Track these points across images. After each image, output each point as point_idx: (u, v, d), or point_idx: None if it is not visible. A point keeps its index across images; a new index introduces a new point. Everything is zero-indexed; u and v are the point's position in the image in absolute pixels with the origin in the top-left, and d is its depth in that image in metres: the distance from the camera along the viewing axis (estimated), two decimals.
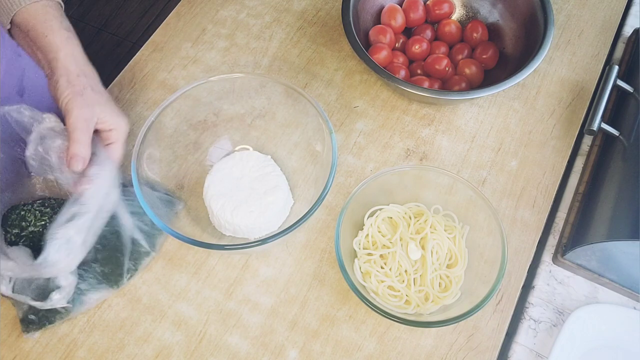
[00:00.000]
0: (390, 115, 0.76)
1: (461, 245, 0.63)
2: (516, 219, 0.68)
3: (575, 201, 0.69)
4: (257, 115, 0.72)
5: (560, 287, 0.65)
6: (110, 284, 0.63)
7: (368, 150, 0.74)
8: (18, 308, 0.62)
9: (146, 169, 0.63)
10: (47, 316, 0.61)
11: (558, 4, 0.84)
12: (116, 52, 1.83)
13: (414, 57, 0.79)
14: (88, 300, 0.62)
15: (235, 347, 0.62)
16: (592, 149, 0.73)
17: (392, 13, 0.79)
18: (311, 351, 0.62)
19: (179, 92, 0.65)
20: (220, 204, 0.65)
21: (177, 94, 0.65)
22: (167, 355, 0.62)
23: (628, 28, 0.83)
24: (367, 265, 0.62)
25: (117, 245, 0.63)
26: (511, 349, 0.62)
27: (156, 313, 0.64)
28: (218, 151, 0.71)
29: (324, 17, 0.85)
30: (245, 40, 0.83)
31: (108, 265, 0.63)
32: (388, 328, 0.63)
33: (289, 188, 0.69)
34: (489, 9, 0.81)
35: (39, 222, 0.61)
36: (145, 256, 0.65)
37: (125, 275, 0.64)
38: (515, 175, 0.71)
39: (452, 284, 0.61)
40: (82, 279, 0.62)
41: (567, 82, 0.78)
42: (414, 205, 0.66)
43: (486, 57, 0.77)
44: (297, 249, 0.67)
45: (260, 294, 0.65)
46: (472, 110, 0.76)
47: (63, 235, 0.54)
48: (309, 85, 0.79)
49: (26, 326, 0.61)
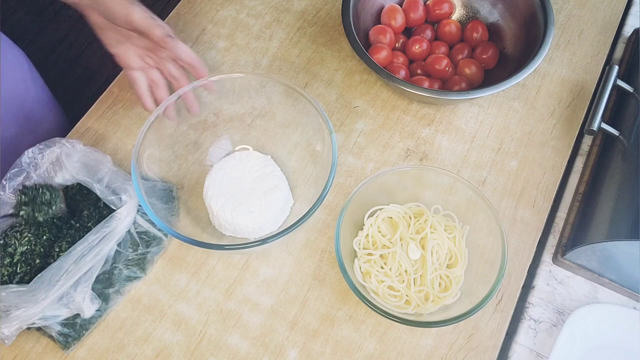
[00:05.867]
0: (390, 115, 0.76)
1: (461, 245, 0.63)
2: (516, 219, 0.68)
3: (575, 201, 0.69)
4: (257, 115, 0.72)
5: (560, 287, 0.65)
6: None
7: (368, 150, 0.74)
8: (45, 329, 0.61)
9: (146, 169, 0.63)
10: (83, 325, 0.62)
11: (558, 4, 0.84)
12: None
13: (414, 57, 0.79)
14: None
15: (235, 347, 0.62)
16: (592, 149, 0.73)
17: (392, 13, 0.79)
18: (311, 351, 0.62)
19: (179, 92, 0.65)
20: (220, 203, 0.65)
21: (178, 93, 0.65)
22: (167, 355, 0.62)
23: (628, 28, 0.83)
24: (367, 265, 0.62)
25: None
26: (511, 349, 0.62)
27: (156, 313, 0.64)
28: (218, 151, 0.71)
29: (324, 17, 0.85)
30: (245, 40, 0.83)
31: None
32: (388, 328, 0.63)
33: (289, 188, 0.69)
34: (489, 9, 0.81)
35: (23, 240, 0.61)
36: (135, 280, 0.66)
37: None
38: (515, 175, 0.71)
39: (452, 284, 0.61)
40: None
41: (567, 82, 0.78)
42: (414, 205, 0.66)
43: (486, 57, 0.77)
44: (297, 249, 0.67)
45: (260, 294, 0.65)
46: (472, 110, 0.76)
47: (84, 291, 0.59)
48: (309, 85, 0.79)
49: (65, 342, 0.61)
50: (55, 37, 1.86)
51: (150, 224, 0.66)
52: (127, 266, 0.64)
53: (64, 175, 0.65)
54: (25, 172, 0.64)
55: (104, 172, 0.64)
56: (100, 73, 1.77)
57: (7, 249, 0.60)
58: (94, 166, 0.64)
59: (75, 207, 0.66)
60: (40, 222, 0.62)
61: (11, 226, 0.63)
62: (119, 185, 0.63)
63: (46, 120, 0.85)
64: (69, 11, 1.88)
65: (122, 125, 0.76)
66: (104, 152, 0.66)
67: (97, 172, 0.64)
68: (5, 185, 0.63)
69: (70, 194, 0.67)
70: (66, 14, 1.89)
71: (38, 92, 0.85)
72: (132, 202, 0.62)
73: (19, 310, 0.56)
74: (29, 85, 0.83)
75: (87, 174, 0.63)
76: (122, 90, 0.79)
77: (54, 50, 1.83)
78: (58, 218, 0.64)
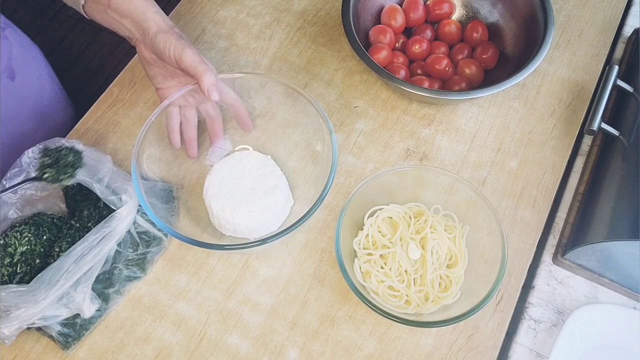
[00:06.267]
0: (390, 115, 0.76)
1: (461, 245, 0.63)
2: (516, 219, 0.68)
3: (575, 201, 0.69)
4: (257, 115, 0.72)
5: (560, 287, 0.65)
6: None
7: (368, 150, 0.74)
8: (45, 329, 0.61)
9: (146, 169, 0.63)
10: (83, 325, 0.62)
11: (558, 4, 0.84)
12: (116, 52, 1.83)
13: (414, 57, 0.79)
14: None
15: (235, 347, 0.62)
16: (592, 149, 0.73)
17: (392, 13, 0.79)
18: (311, 351, 0.62)
19: (179, 92, 0.65)
20: (220, 203, 0.65)
21: (178, 94, 0.65)
22: (167, 355, 0.62)
23: (628, 28, 0.83)
24: (367, 265, 0.62)
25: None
26: (511, 349, 0.62)
27: (156, 313, 0.64)
28: (218, 151, 0.71)
29: (324, 17, 0.85)
30: (245, 40, 0.83)
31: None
32: (388, 328, 0.63)
33: (289, 188, 0.69)
34: (489, 9, 0.81)
35: (23, 240, 0.61)
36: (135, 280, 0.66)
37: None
38: (515, 175, 0.71)
39: (452, 284, 0.61)
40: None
41: (567, 82, 0.78)
42: (414, 205, 0.66)
43: (486, 57, 0.77)
44: (297, 249, 0.67)
45: (260, 294, 0.65)
46: (472, 110, 0.76)
47: (84, 291, 0.59)
48: (309, 85, 0.79)
49: (65, 342, 0.61)
50: (55, 37, 1.86)
51: (150, 224, 0.66)
52: (127, 266, 0.64)
53: None
54: (25, 172, 0.64)
55: (104, 172, 0.64)
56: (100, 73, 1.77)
57: (7, 249, 0.60)
58: (94, 166, 0.64)
59: (75, 207, 0.66)
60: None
61: (11, 226, 0.63)
62: (119, 185, 0.63)
63: (59, 116, 0.86)
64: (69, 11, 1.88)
65: (122, 125, 0.76)
66: (104, 152, 0.66)
67: (97, 172, 0.64)
68: (6, 185, 0.63)
69: (70, 194, 0.67)
70: (66, 14, 1.90)
71: (54, 89, 0.86)
72: (132, 202, 0.62)
73: (19, 310, 0.56)
74: (45, 81, 0.84)
75: (87, 174, 0.63)
76: (122, 90, 0.79)
77: (54, 51, 1.83)
78: (58, 218, 0.64)
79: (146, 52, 0.63)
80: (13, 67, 0.76)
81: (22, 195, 0.65)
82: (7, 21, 0.78)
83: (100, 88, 0.79)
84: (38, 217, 0.63)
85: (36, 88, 0.82)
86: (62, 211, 0.67)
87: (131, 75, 0.80)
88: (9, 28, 0.78)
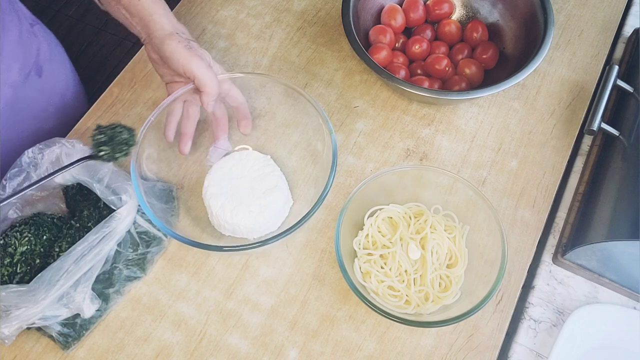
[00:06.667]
0: (390, 115, 0.76)
1: (461, 245, 0.63)
2: (516, 219, 0.68)
3: (575, 201, 0.69)
4: (257, 115, 0.72)
5: (560, 287, 0.65)
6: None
7: (368, 150, 0.74)
8: (45, 329, 0.61)
9: (146, 169, 0.63)
10: (83, 325, 0.62)
11: (558, 4, 0.84)
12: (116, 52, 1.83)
13: (414, 57, 0.79)
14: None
15: (235, 347, 0.62)
16: (592, 149, 0.73)
17: (392, 13, 0.79)
18: (311, 351, 0.62)
19: (179, 92, 0.65)
20: (219, 203, 0.65)
21: (178, 93, 0.65)
22: (167, 355, 0.62)
23: (628, 28, 0.83)
24: (367, 265, 0.62)
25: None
26: (511, 349, 0.62)
27: (156, 313, 0.64)
28: (218, 151, 0.71)
29: (324, 17, 0.85)
30: (245, 40, 0.83)
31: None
32: (388, 328, 0.63)
33: (288, 188, 0.69)
34: (489, 9, 0.81)
35: (23, 240, 0.61)
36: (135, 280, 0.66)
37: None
38: (515, 175, 0.71)
39: (452, 284, 0.61)
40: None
41: (567, 82, 0.78)
42: (414, 205, 0.66)
43: (486, 57, 0.77)
44: (297, 249, 0.67)
45: (260, 294, 0.65)
46: (472, 110, 0.76)
47: (84, 291, 0.59)
48: (309, 85, 0.79)
49: (65, 342, 0.61)
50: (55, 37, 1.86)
51: (150, 224, 0.66)
52: (127, 266, 0.64)
53: (64, 175, 0.65)
54: (25, 172, 0.64)
55: (104, 172, 0.64)
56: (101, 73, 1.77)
57: (7, 249, 0.60)
58: (94, 166, 0.64)
59: (75, 207, 0.66)
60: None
61: (11, 226, 0.63)
62: (119, 185, 0.63)
63: (79, 114, 0.87)
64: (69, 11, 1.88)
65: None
66: None
67: (97, 172, 0.64)
68: (6, 185, 0.63)
69: (70, 194, 0.67)
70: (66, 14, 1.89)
71: (76, 89, 0.87)
72: (132, 202, 0.62)
73: (19, 310, 0.56)
74: (69, 79, 0.85)
75: (87, 174, 0.63)
76: (122, 90, 0.79)
77: None
78: (58, 218, 0.64)
79: (153, 54, 0.64)
80: (40, 63, 0.77)
81: (22, 195, 0.65)
82: (36, 18, 0.79)
83: (100, 88, 0.79)
84: (38, 217, 0.63)
85: (61, 86, 0.83)
86: (62, 211, 0.67)
87: (131, 75, 0.80)
88: (37, 25, 0.79)
